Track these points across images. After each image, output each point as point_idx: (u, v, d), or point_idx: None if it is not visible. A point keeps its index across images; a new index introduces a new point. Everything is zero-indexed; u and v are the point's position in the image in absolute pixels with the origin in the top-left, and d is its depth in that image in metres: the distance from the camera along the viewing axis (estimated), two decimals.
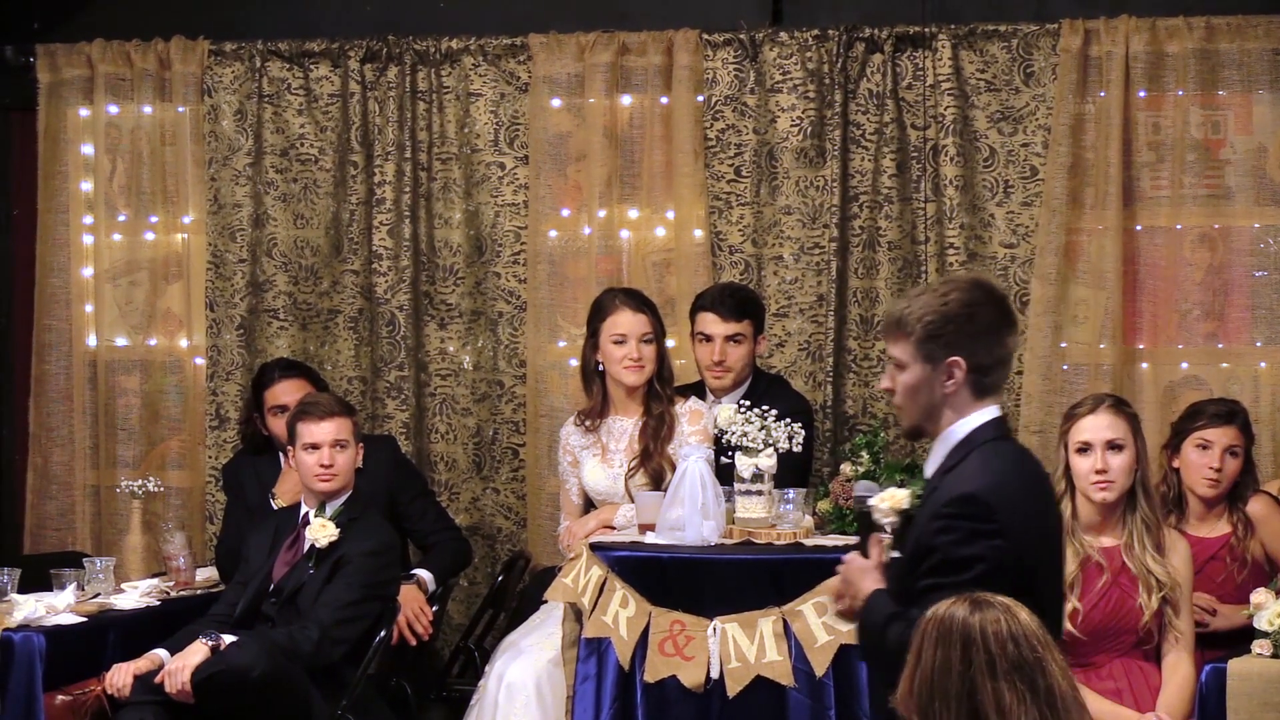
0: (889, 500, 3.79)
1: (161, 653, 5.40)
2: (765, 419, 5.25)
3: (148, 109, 6.97)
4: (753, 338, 5.97)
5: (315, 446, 5.57)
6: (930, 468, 3.76)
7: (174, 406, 7.01)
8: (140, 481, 6.33)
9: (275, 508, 5.98)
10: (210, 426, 6.86)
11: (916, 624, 3.08)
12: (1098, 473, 4.90)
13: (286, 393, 6.11)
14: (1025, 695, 2.94)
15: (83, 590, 5.80)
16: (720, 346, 5.89)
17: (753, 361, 6.03)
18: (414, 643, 5.89)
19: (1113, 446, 4.91)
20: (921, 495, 3.74)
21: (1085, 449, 4.93)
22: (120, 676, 5.33)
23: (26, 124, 7.11)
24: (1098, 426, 4.93)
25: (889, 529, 3.78)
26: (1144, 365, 6.41)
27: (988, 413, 3.70)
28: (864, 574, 3.73)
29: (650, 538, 5.26)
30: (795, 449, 5.28)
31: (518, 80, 6.77)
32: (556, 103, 6.74)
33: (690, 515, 5.13)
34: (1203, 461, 5.38)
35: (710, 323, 5.90)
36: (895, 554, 3.73)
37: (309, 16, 7.00)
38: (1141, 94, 6.36)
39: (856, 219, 6.53)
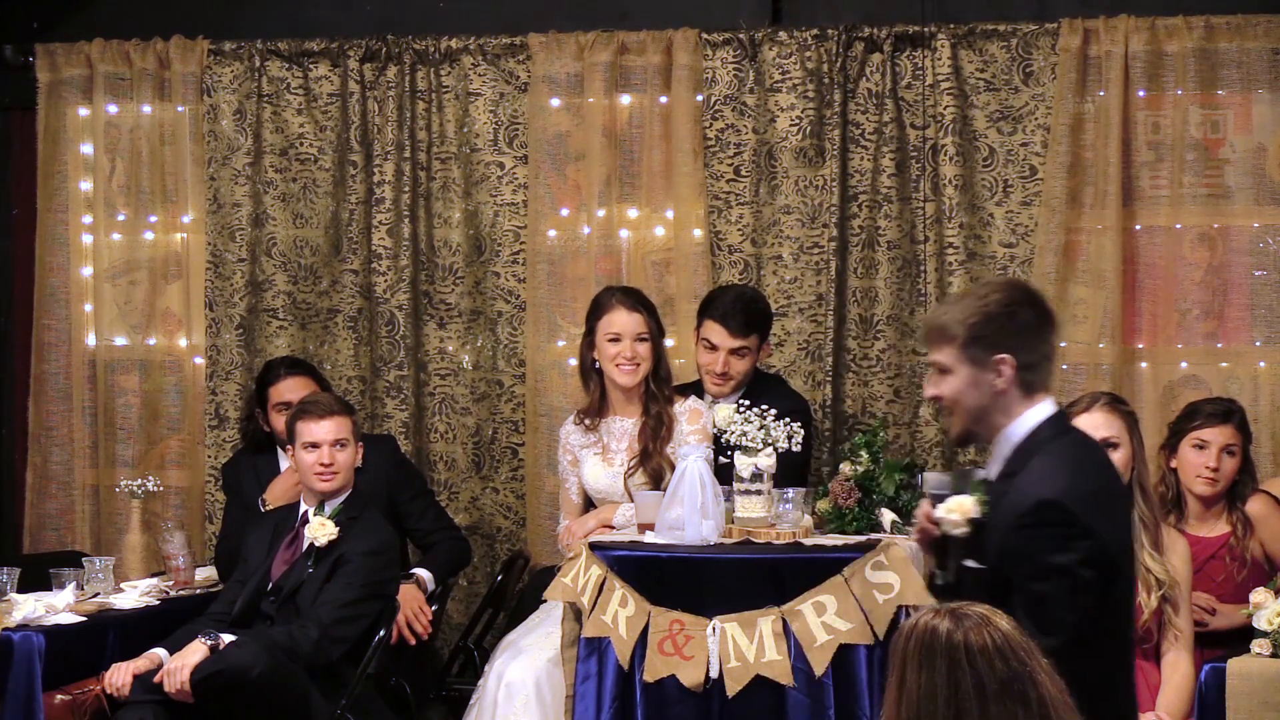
0: (957, 510, 3.80)
1: (161, 652, 5.40)
2: (764, 418, 5.25)
3: (147, 108, 6.97)
4: (757, 350, 5.97)
5: (315, 445, 5.57)
6: (993, 471, 3.80)
7: (173, 406, 7.01)
8: (140, 481, 6.32)
9: (264, 510, 5.98)
10: (209, 426, 6.86)
11: (895, 640, 3.04)
12: None
13: (291, 390, 6.12)
14: (1017, 713, 2.89)
15: (82, 590, 5.80)
16: (725, 359, 5.89)
17: (754, 368, 6.03)
18: (413, 642, 5.89)
19: (1105, 445, 4.90)
20: (989, 501, 3.76)
21: None
22: (119, 676, 5.33)
23: (26, 123, 7.11)
24: (1091, 425, 4.91)
25: (961, 537, 3.81)
26: (1143, 365, 6.41)
27: (1042, 410, 3.76)
28: None
29: (649, 537, 5.25)
30: (794, 448, 5.28)
31: (517, 80, 6.77)
32: (556, 102, 6.74)
33: (689, 515, 5.12)
34: (1199, 461, 5.38)
35: (717, 334, 5.89)
36: (972, 564, 3.77)
37: (308, 16, 7.00)
38: (1141, 93, 6.37)
39: (856, 218, 6.53)
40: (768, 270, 6.59)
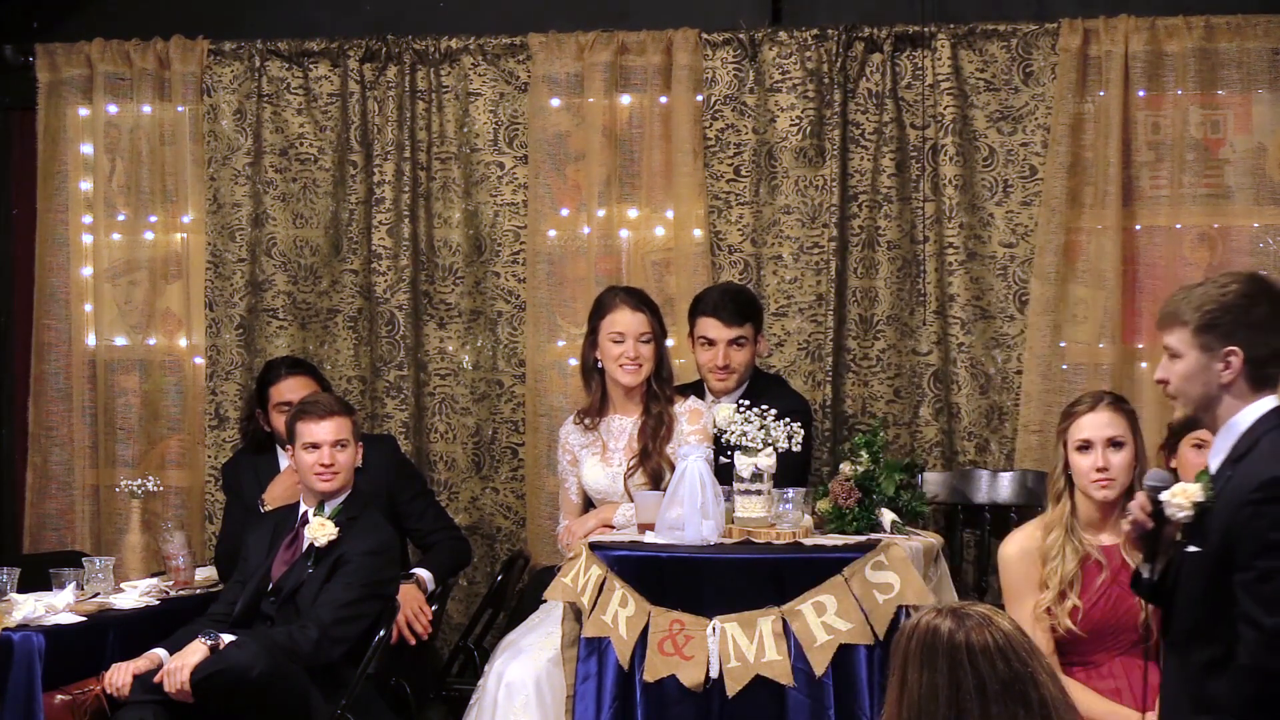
0: (1181, 494, 3.82)
1: (160, 652, 5.40)
2: (764, 418, 5.24)
3: (147, 108, 6.97)
4: (754, 339, 5.98)
5: (315, 446, 5.57)
6: (1215, 460, 3.83)
7: (173, 406, 7.01)
8: (140, 481, 6.32)
9: (263, 510, 5.98)
10: (209, 426, 6.86)
11: (896, 640, 3.04)
12: (1099, 471, 4.91)
13: (291, 390, 6.12)
14: (1018, 713, 2.89)
15: (82, 590, 5.79)
16: (724, 351, 5.90)
17: (754, 361, 6.04)
18: (413, 642, 5.89)
19: (1113, 444, 4.92)
20: (1214, 487, 3.79)
21: (1086, 447, 4.94)
22: (119, 676, 5.32)
23: (26, 123, 7.11)
24: (1098, 424, 4.93)
25: (1182, 522, 3.84)
26: (1143, 365, 6.41)
27: (1267, 403, 3.78)
28: None
29: (650, 537, 5.25)
30: (794, 448, 5.27)
31: (517, 80, 6.77)
32: (556, 102, 6.74)
33: (689, 515, 5.12)
34: (1200, 460, 5.36)
35: (712, 328, 5.90)
36: (1192, 549, 3.78)
37: (308, 16, 7.00)
38: (1141, 93, 6.37)
39: (856, 218, 6.53)
40: (768, 270, 6.59)
